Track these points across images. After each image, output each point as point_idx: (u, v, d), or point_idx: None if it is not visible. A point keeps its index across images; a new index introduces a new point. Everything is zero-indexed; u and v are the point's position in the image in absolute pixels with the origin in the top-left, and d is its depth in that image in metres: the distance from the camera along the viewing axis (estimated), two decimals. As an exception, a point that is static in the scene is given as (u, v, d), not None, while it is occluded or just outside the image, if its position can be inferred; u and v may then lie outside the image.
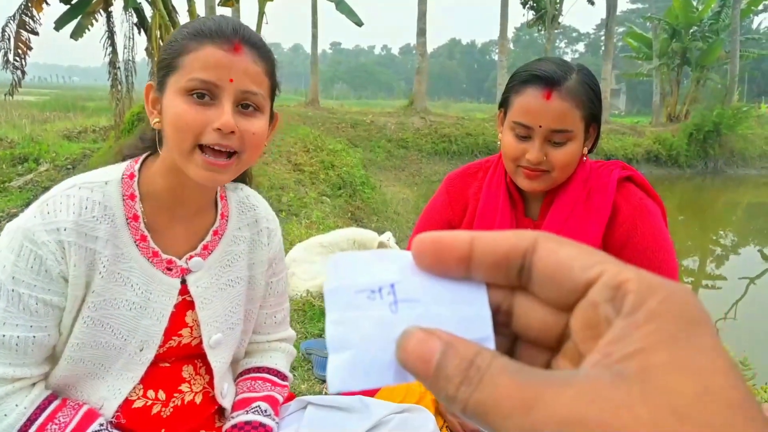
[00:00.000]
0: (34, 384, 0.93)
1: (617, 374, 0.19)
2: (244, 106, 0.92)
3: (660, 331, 0.20)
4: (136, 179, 0.97)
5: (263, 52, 0.94)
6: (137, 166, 0.99)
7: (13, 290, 0.88)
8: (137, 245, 0.96)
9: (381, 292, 0.25)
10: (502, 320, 0.26)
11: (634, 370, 0.19)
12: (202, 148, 0.89)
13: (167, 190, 0.98)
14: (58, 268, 0.89)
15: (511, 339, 0.27)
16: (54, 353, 0.98)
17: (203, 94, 0.88)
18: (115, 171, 0.97)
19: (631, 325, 0.20)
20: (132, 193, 0.96)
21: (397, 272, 0.26)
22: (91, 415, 0.94)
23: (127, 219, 0.95)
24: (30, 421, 0.90)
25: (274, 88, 0.99)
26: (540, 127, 1.15)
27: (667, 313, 0.20)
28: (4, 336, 0.88)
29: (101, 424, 0.93)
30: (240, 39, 0.90)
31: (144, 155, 1.01)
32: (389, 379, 0.24)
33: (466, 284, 0.25)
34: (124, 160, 1.02)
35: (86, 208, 0.91)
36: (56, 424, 0.91)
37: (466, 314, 0.25)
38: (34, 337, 0.89)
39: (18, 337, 0.88)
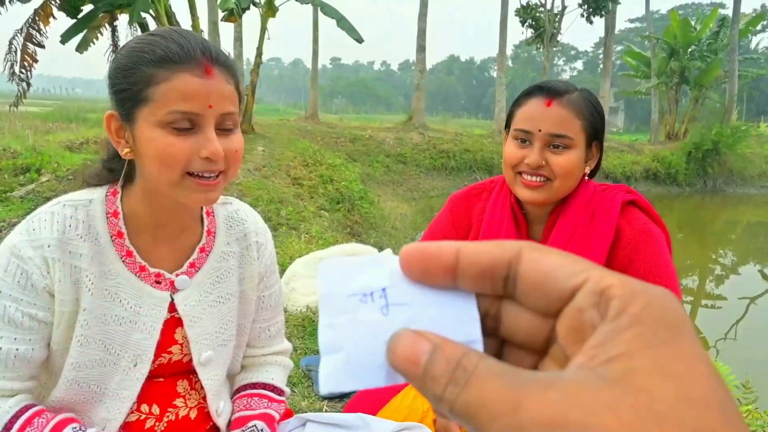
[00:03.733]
0: (14, 395, 0.93)
1: (601, 377, 0.20)
2: (223, 127, 0.91)
3: (642, 336, 0.20)
4: (119, 196, 0.98)
5: (232, 70, 0.93)
6: (120, 183, 0.99)
7: None
8: (123, 261, 0.97)
9: (373, 296, 0.26)
10: (491, 324, 0.26)
11: (617, 374, 0.20)
12: (190, 174, 0.89)
13: (147, 214, 0.98)
14: (43, 282, 0.91)
15: (499, 341, 0.27)
16: (52, 372, 0.98)
17: (186, 125, 0.87)
18: (99, 190, 0.98)
19: (615, 329, 0.21)
20: (115, 210, 0.97)
21: (389, 277, 0.26)
22: (66, 420, 0.94)
23: (111, 236, 0.96)
24: (13, 419, 0.90)
25: (240, 97, 0.97)
26: (540, 131, 1.18)
27: (650, 318, 0.21)
28: None
29: (74, 428, 0.93)
30: (211, 61, 0.88)
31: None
32: (380, 380, 0.25)
33: (455, 288, 0.26)
34: (85, 186, 1.01)
35: (70, 226, 0.93)
36: (32, 426, 0.91)
37: (455, 317, 0.25)
38: (17, 349, 0.90)
39: (0, 348, 0.90)
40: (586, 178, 1.27)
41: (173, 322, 1.02)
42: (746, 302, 6.02)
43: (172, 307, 1.01)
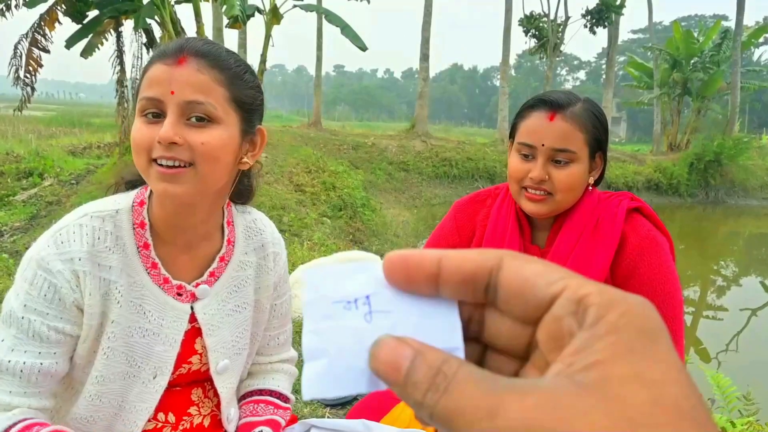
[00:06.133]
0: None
1: (577, 383, 0.20)
2: (198, 118, 0.87)
3: (619, 343, 0.21)
4: (146, 206, 0.97)
5: (211, 60, 0.89)
6: (147, 193, 0.99)
7: (23, 317, 0.88)
8: (149, 273, 0.96)
9: (356, 303, 0.26)
10: (474, 330, 0.27)
11: (594, 380, 0.20)
12: (155, 161, 0.88)
13: (162, 219, 0.97)
14: (72, 297, 0.89)
15: (482, 347, 0.28)
16: (71, 387, 0.97)
17: (156, 113, 0.87)
18: (125, 199, 0.98)
19: (592, 336, 0.21)
20: (142, 221, 0.96)
21: (373, 284, 0.27)
22: None
23: (137, 248, 0.95)
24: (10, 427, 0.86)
25: (237, 97, 0.92)
26: (543, 145, 1.18)
27: (626, 325, 0.21)
28: (10, 362, 0.87)
29: None
30: (185, 52, 0.87)
31: None
32: (362, 387, 0.25)
33: (438, 296, 0.26)
34: (126, 188, 1.01)
35: (99, 238, 0.92)
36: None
37: (437, 324, 0.26)
38: (41, 364, 0.88)
39: (24, 363, 0.87)
40: (590, 187, 1.27)
41: (193, 332, 1.02)
42: (747, 314, 6.01)
43: (191, 318, 1.01)
